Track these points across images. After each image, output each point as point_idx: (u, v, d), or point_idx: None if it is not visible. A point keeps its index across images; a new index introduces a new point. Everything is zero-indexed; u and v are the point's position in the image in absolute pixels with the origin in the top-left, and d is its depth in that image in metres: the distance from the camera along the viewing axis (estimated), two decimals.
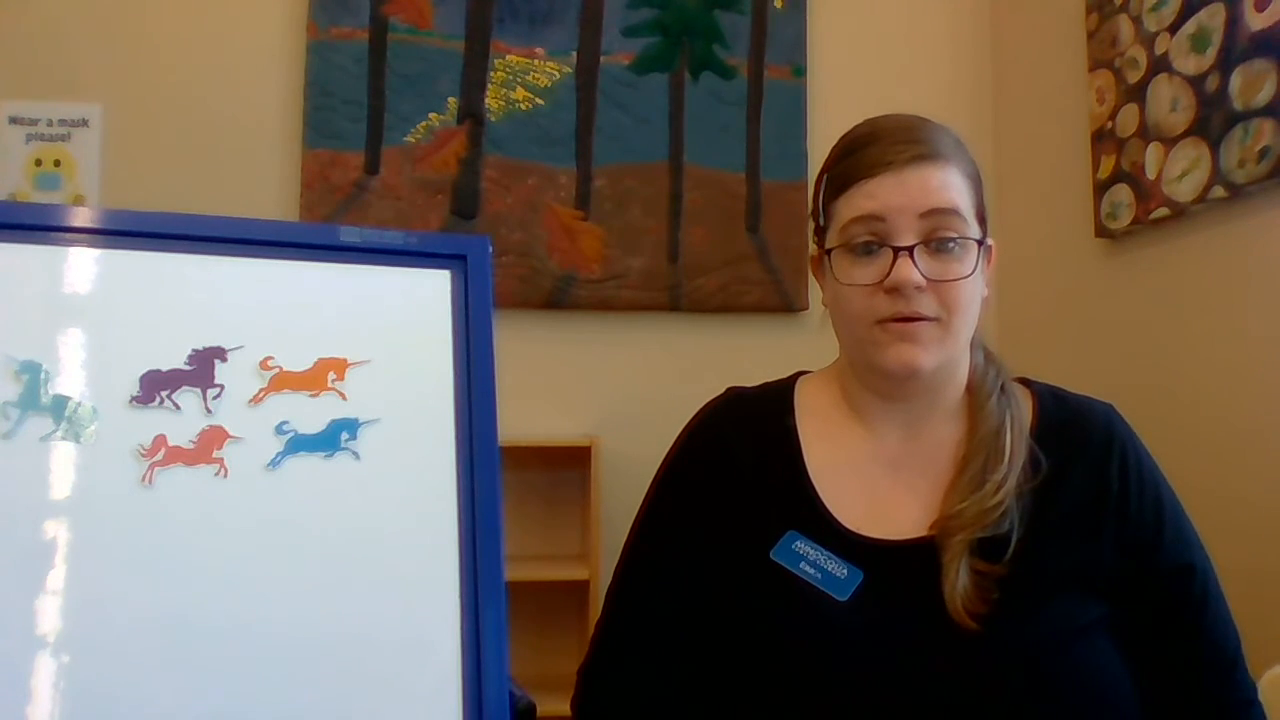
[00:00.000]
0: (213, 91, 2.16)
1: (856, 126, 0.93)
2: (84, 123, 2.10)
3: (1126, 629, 0.84)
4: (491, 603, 0.78)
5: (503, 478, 0.83)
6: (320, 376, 0.82)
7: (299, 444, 0.80)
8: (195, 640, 0.72)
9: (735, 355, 2.26)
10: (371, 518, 0.80)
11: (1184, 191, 1.69)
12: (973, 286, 0.86)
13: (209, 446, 0.77)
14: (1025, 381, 0.95)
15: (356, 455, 0.81)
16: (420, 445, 0.83)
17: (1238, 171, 1.57)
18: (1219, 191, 1.61)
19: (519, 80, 2.24)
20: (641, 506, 0.99)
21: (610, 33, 2.27)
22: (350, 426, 0.81)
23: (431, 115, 2.20)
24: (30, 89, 2.10)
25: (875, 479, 0.90)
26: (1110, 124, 1.91)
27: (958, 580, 0.81)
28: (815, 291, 2.49)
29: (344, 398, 0.82)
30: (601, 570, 1.98)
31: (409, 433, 0.83)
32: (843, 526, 0.87)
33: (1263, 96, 1.52)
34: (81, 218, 0.83)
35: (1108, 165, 1.91)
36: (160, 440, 0.76)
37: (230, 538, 0.75)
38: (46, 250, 0.79)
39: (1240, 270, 1.61)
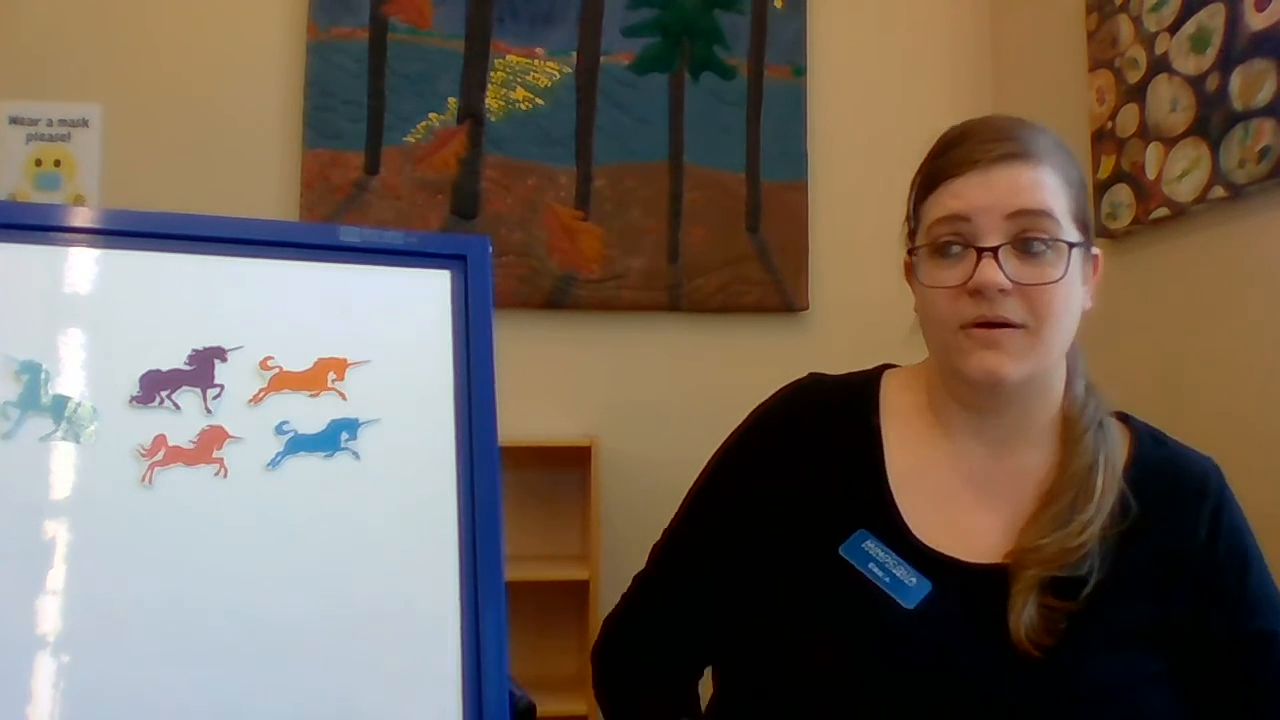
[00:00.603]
0: (213, 91, 2.16)
1: (952, 127, 0.89)
2: (84, 123, 2.10)
3: (1192, 686, 0.82)
4: (491, 603, 0.78)
5: (503, 478, 0.83)
6: (320, 376, 0.82)
7: (299, 444, 0.80)
8: (195, 640, 0.72)
9: (735, 355, 2.26)
10: (371, 518, 0.80)
11: (1184, 191, 1.69)
12: (1066, 293, 0.82)
13: (209, 446, 0.77)
14: (1124, 418, 0.92)
15: (356, 455, 0.81)
16: (420, 445, 0.83)
17: (1238, 171, 1.57)
18: (1219, 191, 1.61)
19: (519, 80, 2.24)
20: (703, 473, 0.97)
21: (610, 33, 2.27)
22: (350, 426, 0.81)
23: (431, 115, 2.20)
24: (30, 89, 2.10)
25: (954, 494, 0.88)
26: (1110, 124, 1.91)
27: (1024, 611, 0.79)
28: (815, 292, 2.49)
29: (344, 398, 0.82)
30: (601, 570, 1.98)
31: (409, 433, 0.83)
32: (915, 537, 0.85)
33: (1263, 96, 1.52)
34: (81, 218, 0.83)
35: (1108, 165, 1.91)
36: (160, 440, 0.76)
37: (230, 537, 0.75)
38: (46, 250, 0.79)
39: (1240, 270, 1.61)
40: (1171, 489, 0.86)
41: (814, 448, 0.90)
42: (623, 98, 2.27)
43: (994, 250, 0.80)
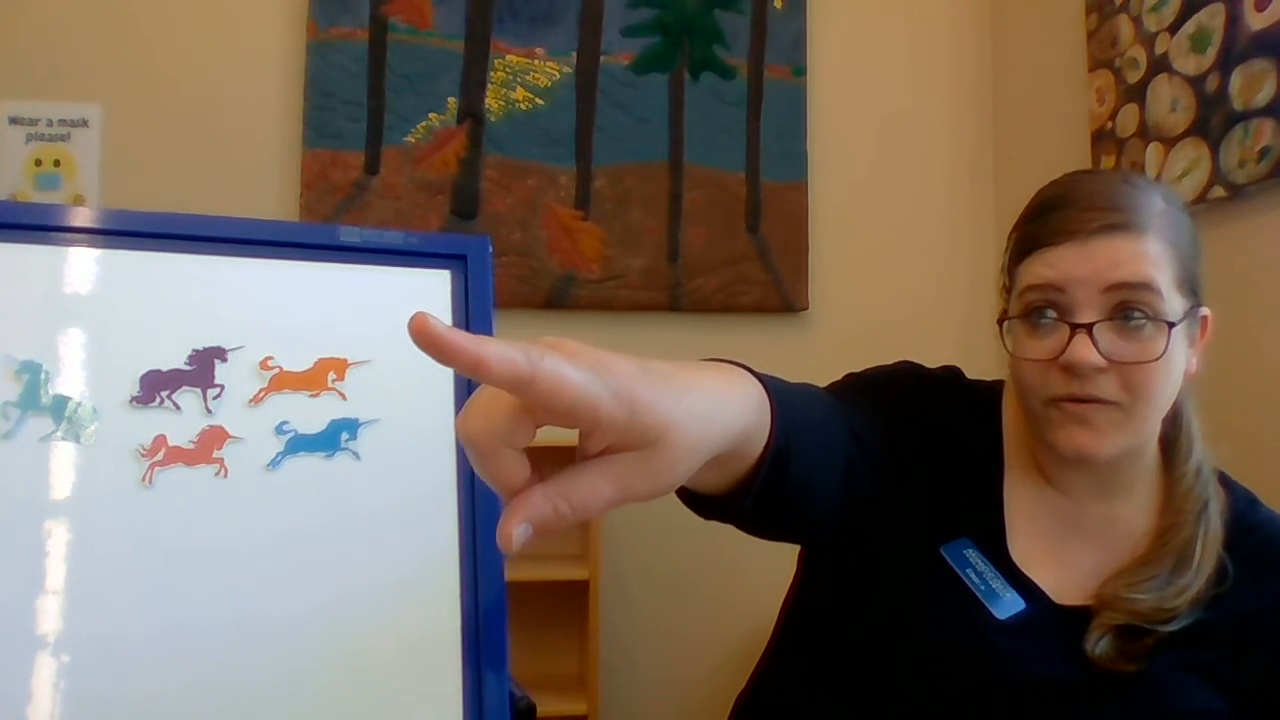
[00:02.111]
0: (213, 91, 2.16)
1: (1054, 183, 0.85)
2: (84, 123, 2.10)
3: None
4: (491, 603, 0.78)
5: None
6: (320, 376, 0.82)
7: (299, 444, 0.80)
8: (195, 639, 0.72)
9: (735, 355, 2.22)
10: (371, 518, 0.80)
11: (1184, 191, 1.69)
12: (1165, 369, 0.78)
13: (209, 446, 0.77)
14: (1222, 479, 0.89)
15: (356, 455, 0.81)
16: (420, 445, 0.83)
17: (1238, 171, 1.57)
18: (1219, 191, 1.61)
19: (519, 80, 2.24)
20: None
21: (610, 33, 2.27)
22: (350, 427, 0.81)
23: (431, 115, 2.20)
24: (30, 89, 2.10)
25: (1049, 530, 0.87)
26: (1110, 124, 1.91)
27: (1099, 643, 0.79)
28: (815, 292, 2.49)
29: (344, 398, 0.82)
30: (601, 570, 1.98)
31: (409, 433, 0.83)
32: (1014, 562, 0.84)
33: (1263, 96, 1.52)
34: (81, 218, 0.83)
35: (1108, 165, 1.91)
36: (160, 440, 0.76)
37: (230, 537, 0.75)
38: (46, 250, 0.79)
39: (1240, 270, 1.61)
40: (1265, 557, 0.85)
41: (944, 437, 0.88)
42: (623, 98, 2.27)
43: (1089, 326, 0.77)
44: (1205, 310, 0.84)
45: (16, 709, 0.67)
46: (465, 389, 0.85)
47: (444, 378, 0.85)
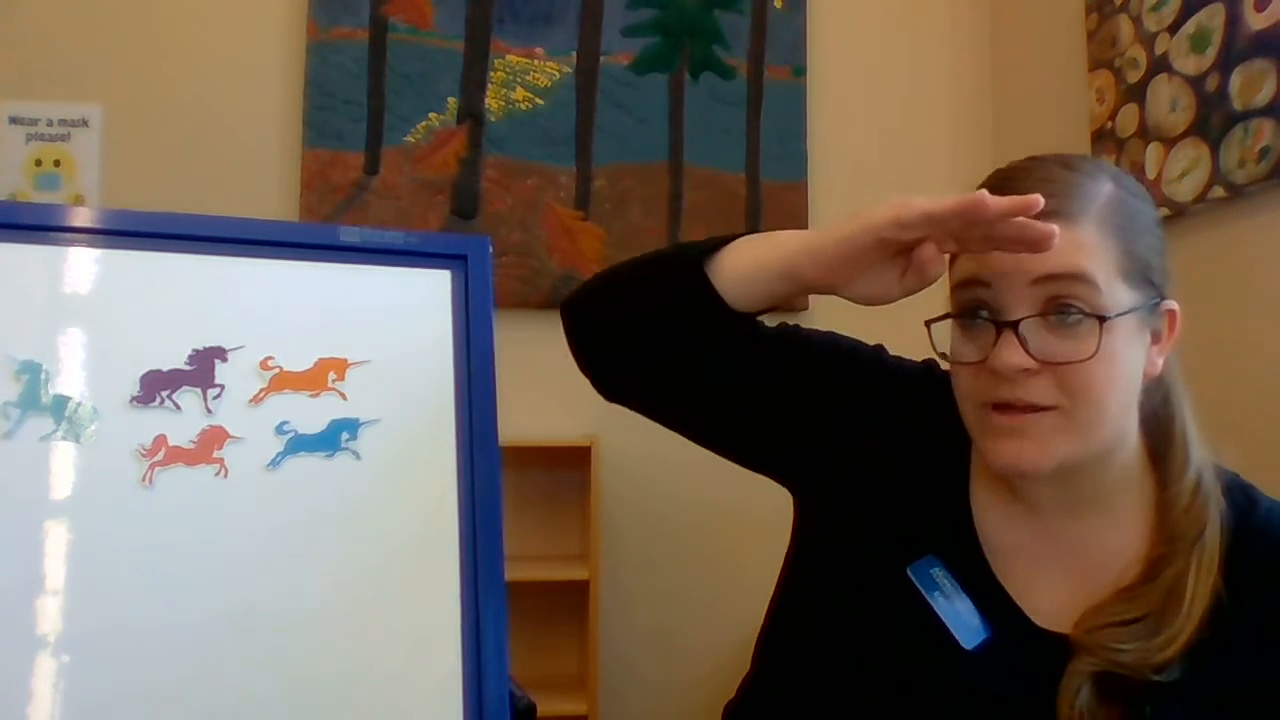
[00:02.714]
0: (213, 91, 2.16)
1: (995, 170, 0.80)
2: (84, 123, 2.10)
3: None
4: (491, 603, 0.78)
5: (503, 478, 0.83)
6: (320, 376, 0.82)
7: (299, 444, 0.80)
8: (195, 638, 0.72)
9: None
10: (371, 518, 0.80)
11: (1184, 191, 1.69)
12: (1107, 368, 0.70)
13: (209, 446, 0.77)
14: (1228, 488, 0.79)
15: (357, 455, 0.81)
16: (420, 445, 0.83)
17: (1238, 171, 1.57)
18: (1219, 191, 1.61)
19: (519, 80, 2.24)
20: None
21: (610, 33, 2.27)
22: (350, 426, 0.81)
23: (431, 115, 2.20)
24: (30, 89, 2.10)
25: (1025, 545, 0.80)
26: (1110, 124, 1.91)
27: (1077, 694, 0.71)
28: None
29: (344, 398, 0.82)
30: (601, 570, 1.98)
31: (409, 433, 0.83)
32: (992, 574, 0.78)
33: (1263, 96, 1.52)
34: (81, 218, 0.83)
35: None
36: (160, 440, 0.76)
37: (230, 537, 0.75)
38: (46, 250, 0.79)
39: (1240, 270, 1.61)
40: (1264, 562, 0.76)
41: (911, 442, 0.83)
42: (623, 98, 2.27)
43: (1014, 324, 0.70)
44: (1170, 304, 0.77)
45: (16, 708, 0.67)
46: (465, 389, 0.85)
47: (444, 378, 0.85)
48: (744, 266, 0.78)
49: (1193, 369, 1.68)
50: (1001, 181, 0.77)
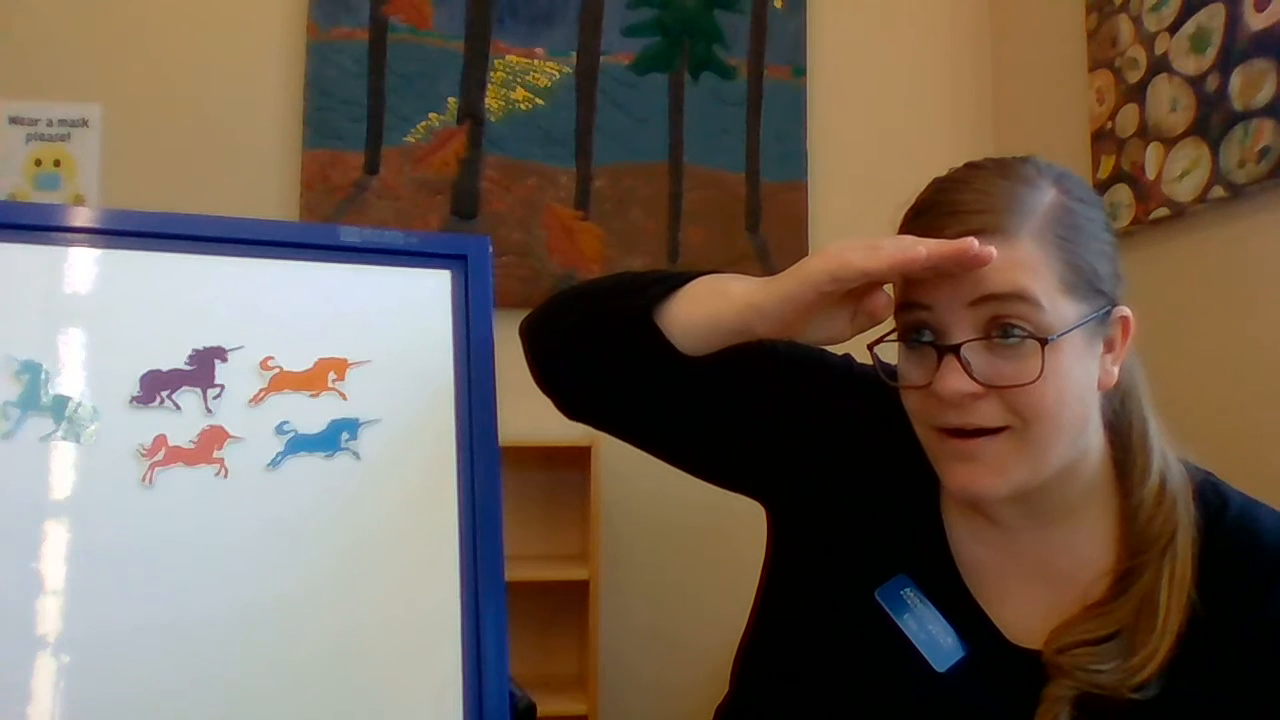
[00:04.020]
0: (213, 91, 2.16)
1: (932, 181, 0.77)
2: (84, 123, 2.10)
3: None
4: (491, 603, 0.78)
5: (503, 478, 0.83)
6: (320, 376, 0.82)
7: (299, 444, 0.80)
8: (195, 638, 0.72)
9: None
10: (371, 518, 0.80)
11: (1184, 191, 1.69)
12: (1055, 386, 0.68)
13: (209, 446, 0.77)
14: (1200, 489, 0.77)
15: (357, 455, 0.81)
16: (420, 445, 0.83)
17: (1238, 171, 1.57)
18: (1219, 191, 1.61)
19: (519, 80, 2.24)
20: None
21: (610, 33, 2.27)
22: (350, 426, 0.81)
23: (431, 115, 2.20)
24: (30, 89, 2.10)
25: (995, 560, 0.78)
26: (1110, 124, 1.91)
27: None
28: None
29: (344, 398, 0.82)
30: (601, 570, 1.98)
31: (409, 433, 0.83)
32: (965, 587, 0.77)
33: (1263, 96, 1.52)
34: (81, 218, 0.83)
35: (1107, 165, 1.91)
36: (160, 440, 0.76)
37: (230, 538, 0.76)
38: (46, 250, 0.79)
39: (1240, 270, 1.61)
40: (1241, 569, 0.73)
41: (881, 457, 0.81)
42: (623, 98, 2.27)
43: (956, 349, 0.68)
44: (1122, 310, 0.74)
45: (16, 708, 0.67)
46: (465, 389, 0.85)
47: (444, 378, 0.85)
48: (697, 320, 0.76)
49: (1193, 369, 1.69)
50: (938, 193, 0.75)
